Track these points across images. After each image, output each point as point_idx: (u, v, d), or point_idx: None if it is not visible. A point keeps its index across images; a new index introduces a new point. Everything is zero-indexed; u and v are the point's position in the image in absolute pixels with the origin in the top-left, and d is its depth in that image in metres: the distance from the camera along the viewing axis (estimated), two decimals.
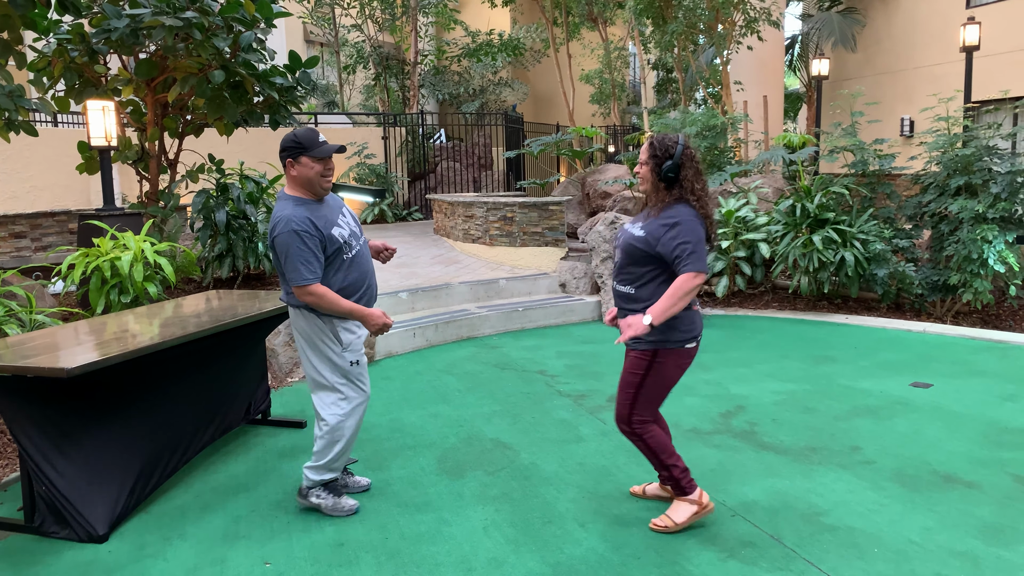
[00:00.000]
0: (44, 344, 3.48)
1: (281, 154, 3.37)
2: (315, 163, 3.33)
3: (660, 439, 3.31)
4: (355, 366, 3.48)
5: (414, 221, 14.65)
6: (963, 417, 4.71)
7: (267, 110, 7.19)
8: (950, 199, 7.63)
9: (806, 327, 7.33)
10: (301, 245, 3.23)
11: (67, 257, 5.62)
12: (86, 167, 7.10)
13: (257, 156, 12.69)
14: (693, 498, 3.35)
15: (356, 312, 3.34)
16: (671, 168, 3.16)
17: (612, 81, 19.43)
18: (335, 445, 3.49)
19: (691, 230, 3.11)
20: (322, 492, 3.58)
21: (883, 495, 3.65)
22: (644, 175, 3.26)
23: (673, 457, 3.34)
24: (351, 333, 3.45)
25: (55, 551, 3.29)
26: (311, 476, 3.56)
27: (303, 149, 3.31)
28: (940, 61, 15.09)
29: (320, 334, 3.41)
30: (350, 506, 3.57)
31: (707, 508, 3.38)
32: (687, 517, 3.34)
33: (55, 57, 6.51)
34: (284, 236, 3.24)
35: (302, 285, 3.24)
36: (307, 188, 3.38)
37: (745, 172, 10.33)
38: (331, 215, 3.40)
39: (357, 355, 3.48)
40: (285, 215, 3.27)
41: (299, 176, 3.35)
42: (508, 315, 7.58)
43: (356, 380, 3.51)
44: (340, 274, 3.37)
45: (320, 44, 21.82)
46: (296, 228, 3.23)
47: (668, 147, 3.18)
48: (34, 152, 11.87)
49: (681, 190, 3.19)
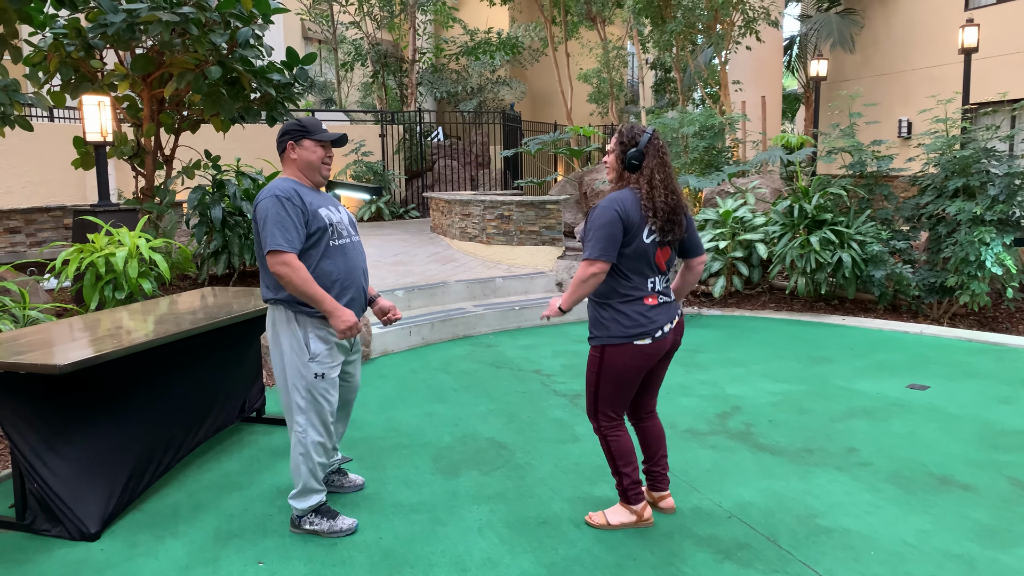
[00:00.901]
0: (37, 340, 3.45)
1: (282, 137, 3.26)
2: (317, 147, 3.25)
3: (622, 445, 3.27)
4: (319, 379, 3.23)
5: (411, 219, 14.63)
6: (959, 419, 4.71)
7: (264, 107, 7.16)
8: (948, 201, 7.63)
9: (803, 328, 7.33)
10: (280, 210, 3.06)
11: (62, 253, 5.59)
12: (82, 162, 7.07)
13: (253, 152, 12.64)
14: (636, 509, 3.34)
15: (326, 303, 3.10)
16: (635, 155, 3.12)
17: (610, 80, 19.41)
18: (301, 465, 3.29)
19: (598, 216, 3.07)
20: (314, 517, 3.35)
21: (879, 497, 3.64)
22: (611, 163, 3.23)
23: (629, 467, 3.29)
24: (323, 344, 3.23)
25: (46, 549, 3.27)
26: (297, 505, 3.34)
27: (307, 132, 3.24)
28: (938, 63, 15.10)
29: (290, 336, 3.22)
30: (348, 525, 3.35)
31: (645, 521, 3.35)
32: (621, 523, 3.34)
33: (51, 52, 6.47)
34: (265, 202, 3.09)
35: (275, 250, 3.03)
36: (306, 172, 3.27)
37: (743, 172, 10.32)
38: (323, 200, 3.30)
39: (325, 368, 3.24)
40: (271, 185, 3.17)
41: (300, 159, 3.25)
42: (504, 314, 7.57)
43: (322, 395, 3.26)
44: (323, 260, 3.19)
45: (318, 41, 21.77)
46: (278, 194, 3.10)
47: (635, 135, 3.16)
48: (29, 147, 11.81)
49: (640, 178, 3.14)
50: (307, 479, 3.31)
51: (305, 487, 3.33)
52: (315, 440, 3.29)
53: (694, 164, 10.63)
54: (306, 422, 3.27)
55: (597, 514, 3.40)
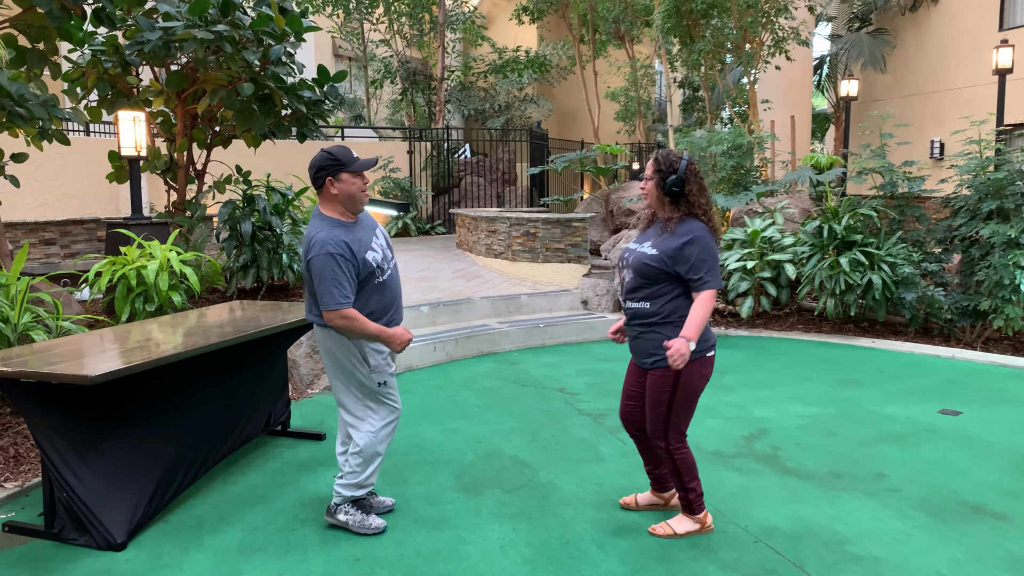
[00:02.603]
0: (69, 351, 3.51)
1: (318, 174, 3.32)
2: (355, 178, 3.34)
3: (689, 461, 3.37)
4: (383, 387, 3.46)
5: (437, 235, 14.70)
6: (993, 446, 4.60)
7: (295, 123, 7.26)
8: (981, 223, 7.50)
9: (831, 350, 7.23)
10: (336, 268, 3.20)
11: (94, 265, 5.68)
12: (116, 176, 7.20)
13: (283, 168, 12.81)
14: (699, 518, 3.45)
15: (383, 335, 3.33)
16: (675, 182, 3.22)
17: (638, 99, 19.43)
18: (370, 464, 3.48)
19: (707, 246, 3.20)
20: (351, 509, 3.54)
21: (909, 524, 3.56)
22: (649, 190, 3.33)
23: (695, 481, 3.40)
24: (379, 354, 3.43)
25: (73, 558, 3.30)
26: (343, 492, 3.51)
27: (342, 165, 3.31)
28: (971, 83, 14.92)
29: (348, 355, 3.39)
30: (377, 525, 3.52)
31: (708, 528, 3.47)
32: (687, 531, 3.44)
33: (89, 68, 6.62)
34: (319, 259, 3.21)
35: (334, 309, 3.22)
36: (347, 205, 3.36)
37: (771, 192, 10.25)
38: (366, 237, 3.39)
39: (384, 376, 3.46)
40: (321, 237, 3.24)
41: (340, 193, 3.33)
42: (529, 331, 7.56)
43: (385, 399, 3.50)
44: (371, 297, 3.36)
45: (348, 59, 22.05)
46: (332, 251, 3.20)
47: (672, 162, 3.25)
48: (66, 161, 12.08)
49: (688, 205, 3.25)
50: (368, 477, 3.50)
51: (361, 482, 3.50)
52: (383, 435, 3.49)
53: (722, 183, 10.57)
54: (379, 425, 3.48)
55: (660, 525, 3.48)
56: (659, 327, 3.25)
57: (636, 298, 3.30)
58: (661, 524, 3.48)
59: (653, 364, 3.28)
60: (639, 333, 3.32)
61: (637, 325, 3.32)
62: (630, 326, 3.37)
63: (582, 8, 17.84)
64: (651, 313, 3.26)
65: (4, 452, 4.21)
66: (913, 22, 16.24)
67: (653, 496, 3.71)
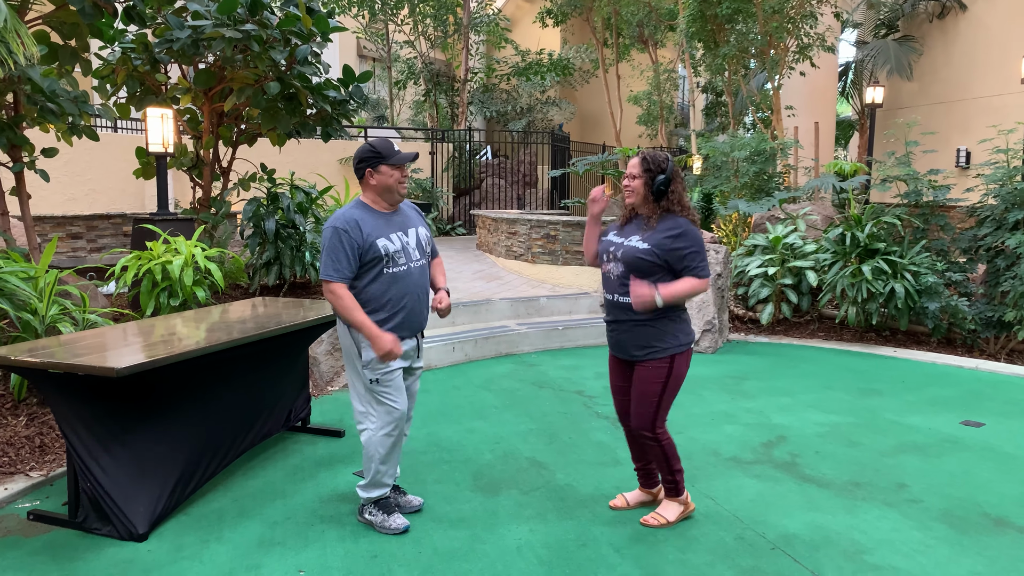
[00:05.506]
0: (95, 344, 3.56)
1: (359, 165, 3.43)
2: (394, 170, 3.43)
3: (673, 444, 3.54)
4: (374, 384, 3.42)
5: (457, 236, 14.74)
6: (1017, 459, 4.55)
7: (319, 122, 7.31)
8: (1008, 233, 7.41)
9: (852, 358, 7.17)
10: (337, 241, 3.31)
11: (120, 259, 5.76)
12: (143, 172, 7.29)
13: (307, 167, 12.91)
14: (683, 499, 3.63)
15: (366, 328, 3.29)
16: (663, 182, 3.38)
17: (660, 103, 19.38)
18: (371, 463, 3.50)
19: (696, 238, 3.37)
20: (373, 509, 3.57)
21: (930, 536, 3.53)
22: (636, 188, 3.45)
23: (679, 462, 3.58)
24: (371, 351, 3.41)
25: (96, 547, 3.35)
26: (360, 494, 3.59)
27: (382, 158, 3.40)
28: (999, 92, 14.74)
29: (348, 344, 3.46)
30: (398, 524, 3.51)
31: (691, 507, 3.67)
32: (678, 516, 3.60)
33: (119, 65, 6.71)
34: (327, 230, 3.36)
35: (324, 280, 3.32)
36: (385, 195, 3.46)
37: (794, 199, 10.18)
38: (388, 227, 3.44)
39: (378, 374, 3.41)
40: (338, 213, 3.39)
41: (379, 184, 3.43)
42: (548, 333, 7.56)
43: (383, 399, 3.44)
44: (374, 285, 3.38)
45: (373, 59, 22.19)
46: (338, 225, 3.33)
47: (660, 162, 3.42)
48: (94, 156, 12.25)
49: (668, 202, 3.41)
50: (374, 474, 3.52)
51: (372, 480, 3.54)
52: (379, 438, 3.46)
53: (744, 188, 10.53)
54: (373, 426, 3.48)
55: (651, 516, 3.59)
56: (654, 320, 3.38)
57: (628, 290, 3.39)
58: (651, 515, 3.60)
59: (647, 356, 3.41)
60: (632, 325, 3.42)
61: (630, 318, 3.41)
62: (619, 321, 3.47)
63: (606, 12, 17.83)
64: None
65: (30, 442, 4.28)
66: (941, 29, 16.08)
67: (642, 494, 3.81)
